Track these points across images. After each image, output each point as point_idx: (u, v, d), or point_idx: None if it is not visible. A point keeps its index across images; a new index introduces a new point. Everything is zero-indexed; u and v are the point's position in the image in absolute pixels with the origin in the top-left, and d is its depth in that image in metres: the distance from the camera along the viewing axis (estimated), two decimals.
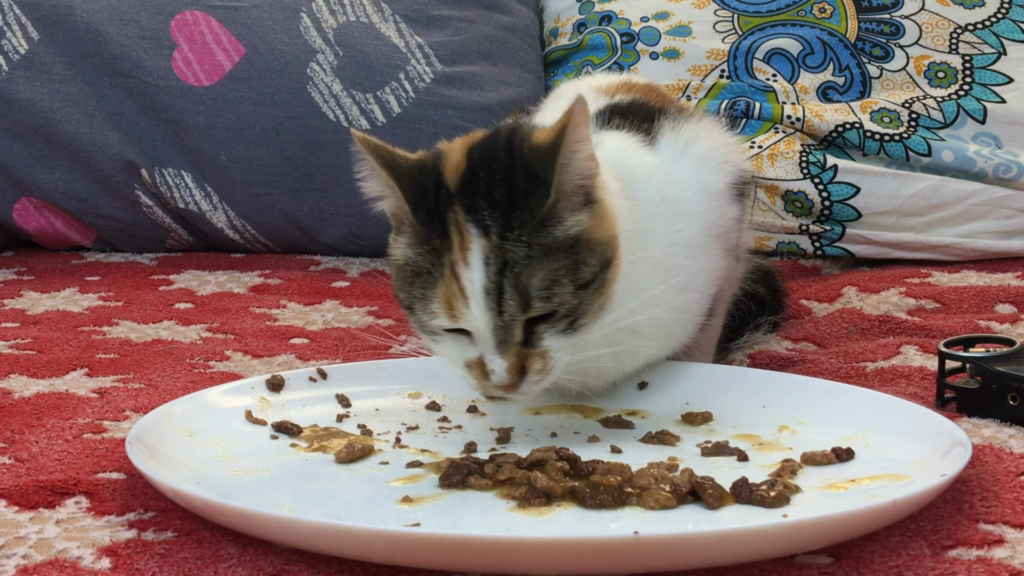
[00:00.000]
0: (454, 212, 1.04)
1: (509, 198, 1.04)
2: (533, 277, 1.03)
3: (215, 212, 1.93)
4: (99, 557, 0.90)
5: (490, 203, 1.04)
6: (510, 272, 1.03)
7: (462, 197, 1.05)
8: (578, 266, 1.04)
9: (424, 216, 1.06)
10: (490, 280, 1.03)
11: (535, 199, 1.04)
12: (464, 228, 1.04)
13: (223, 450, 1.08)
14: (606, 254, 1.07)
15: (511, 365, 1.05)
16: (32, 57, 1.94)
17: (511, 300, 1.03)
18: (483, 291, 1.03)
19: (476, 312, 1.03)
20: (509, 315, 1.03)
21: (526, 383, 1.06)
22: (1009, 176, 1.84)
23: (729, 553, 0.86)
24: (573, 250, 1.05)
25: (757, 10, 1.99)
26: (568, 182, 1.05)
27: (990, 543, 0.91)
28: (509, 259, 1.03)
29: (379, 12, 1.99)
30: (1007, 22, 1.95)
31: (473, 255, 1.03)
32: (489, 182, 1.05)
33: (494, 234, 1.03)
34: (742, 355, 1.39)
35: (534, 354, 1.05)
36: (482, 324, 1.04)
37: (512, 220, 1.03)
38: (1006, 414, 1.17)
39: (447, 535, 0.86)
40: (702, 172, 1.23)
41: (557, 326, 1.05)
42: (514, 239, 1.03)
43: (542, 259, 1.03)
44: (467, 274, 1.03)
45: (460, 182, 1.06)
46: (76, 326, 1.54)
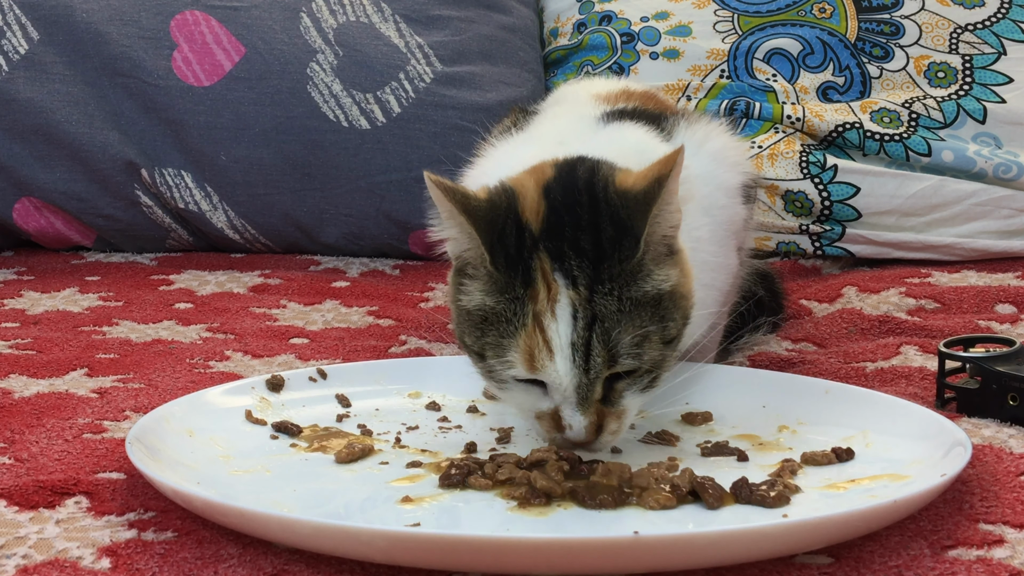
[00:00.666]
0: (539, 259, 1.00)
1: (596, 247, 1.00)
2: (624, 335, 0.99)
3: (215, 212, 1.93)
4: (99, 557, 0.90)
5: (577, 251, 1.00)
6: (599, 327, 0.99)
7: (547, 243, 1.01)
8: (665, 322, 1.01)
9: (504, 262, 1.01)
10: (578, 335, 0.99)
11: (624, 250, 1.00)
12: (550, 277, 1.00)
13: (223, 450, 1.08)
14: (688, 309, 1.04)
15: (591, 424, 1.01)
16: (32, 57, 1.94)
17: (598, 357, 0.99)
18: (570, 345, 0.99)
19: (561, 367, 0.99)
20: (595, 372, 0.99)
21: (600, 442, 1.02)
22: (1009, 176, 1.84)
23: (729, 553, 0.86)
24: (660, 306, 1.01)
25: (757, 10, 1.99)
26: (656, 234, 1.02)
27: (990, 543, 0.91)
28: (599, 313, 0.99)
29: (379, 12, 1.99)
30: (1007, 22, 1.95)
31: (561, 307, 0.99)
32: (575, 228, 1.01)
33: (583, 286, 0.99)
34: (742, 356, 1.39)
35: (612, 413, 1.02)
36: (567, 381, 1.00)
37: (601, 272, 1.00)
38: (1006, 414, 1.17)
39: (447, 535, 0.86)
40: (718, 169, 1.23)
41: (638, 383, 1.02)
42: (604, 292, 0.99)
43: (632, 315, 0.99)
44: (554, 327, 0.99)
45: (543, 227, 1.01)
46: (76, 326, 1.54)
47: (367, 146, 1.91)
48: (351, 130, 1.92)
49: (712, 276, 1.20)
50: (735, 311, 1.36)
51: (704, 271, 1.17)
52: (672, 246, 1.04)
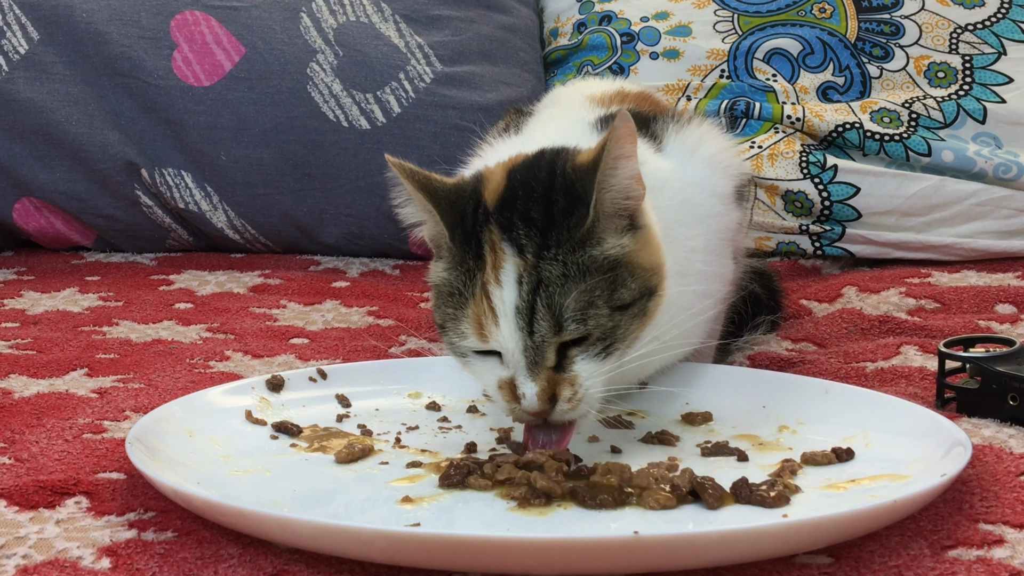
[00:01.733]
0: (489, 231, 1.03)
1: (547, 217, 1.02)
2: (567, 297, 1.00)
3: (215, 212, 1.93)
4: (99, 557, 0.90)
5: (526, 222, 1.02)
6: (543, 292, 1.00)
7: (498, 216, 1.03)
8: (616, 287, 1.02)
9: (461, 238, 1.04)
10: (522, 299, 1.00)
11: (574, 218, 1.02)
12: (499, 247, 1.02)
13: (223, 450, 1.08)
14: (650, 282, 1.04)
15: (542, 390, 1.01)
16: (32, 57, 1.94)
17: (543, 321, 1.00)
18: (514, 311, 1.00)
19: (506, 332, 1.01)
20: (540, 336, 1.00)
21: (556, 411, 1.02)
22: (1009, 176, 1.84)
23: (729, 553, 0.86)
24: (612, 272, 1.02)
25: (757, 10, 1.99)
26: (608, 201, 1.03)
27: (990, 543, 0.91)
28: (543, 278, 1.00)
29: (379, 12, 1.99)
30: (1007, 22, 1.95)
31: (506, 274, 1.01)
32: (527, 201, 1.03)
33: (529, 253, 1.01)
34: (742, 356, 1.39)
35: (565, 379, 1.02)
36: (511, 345, 1.01)
37: (549, 239, 1.01)
38: (1006, 414, 1.17)
39: (447, 535, 0.86)
40: (711, 175, 1.23)
41: (591, 350, 1.02)
42: (550, 258, 1.01)
43: (578, 279, 1.00)
44: (498, 293, 1.01)
45: (498, 201, 1.04)
46: (76, 326, 1.54)
47: (367, 146, 1.91)
48: (351, 130, 1.92)
49: (707, 285, 1.20)
50: (731, 311, 1.36)
51: (699, 280, 1.18)
52: (634, 219, 1.05)
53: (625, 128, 1.01)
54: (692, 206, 1.19)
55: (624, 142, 1.02)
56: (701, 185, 1.21)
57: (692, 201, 1.19)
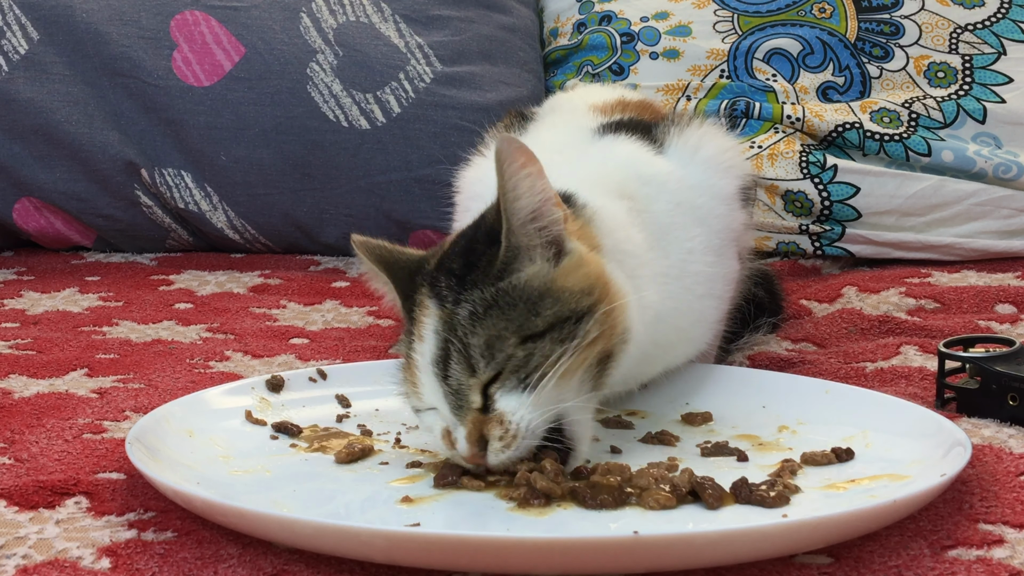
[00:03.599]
0: (421, 292, 1.03)
1: (466, 264, 1.01)
2: (476, 338, 0.98)
3: (215, 212, 1.93)
4: (99, 557, 0.90)
5: (448, 274, 1.01)
6: (454, 337, 0.99)
7: (430, 277, 1.03)
8: (527, 316, 0.98)
9: (407, 306, 1.04)
10: (438, 349, 1.00)
11: (488, 256, 1.00)
12: (424, 304, 1.02)
13: (223, 450, 1.08)
14: (579, 303, 0.99)
15: (468, 433, 0.98)
16: (32, 57, 1.94)
17: (456, 365, 0.99)
18: (431, 362, 1.00)
19: (426, 383, 1.01)
20: (456, 380, 0.99)
21: (491, 452, 0.98)
22: (1009, 176, 1.84)
23: (729, 553, 0.86)
24: (523, 302, 0.99)
25: (757, 10, 1.99)
26: (519, 228, 0.99)
27: (990, 543, 0.91)
28: (456, 323, 0.99)
29: (379, 12, 1.99)
30: (1007, 22, 1.95)
31: (426, 327, 1.01)
32: (452, 255, 1.03)
33: (448, 303, 1.00)
34: (742, 356, 1.39)
35: (491, 420, 0.98)
36: (430, 395, 1.01)
37: (465, 284, 1.00)
38: (1006, 414, 1.17)
39: (447, 535, 0.86)
40: (713, 176, 1.22)
41: (506, 385, 0.98)
42: (464, 302, 0.99)
43: (484, 316, 0.98)
44: (419, 347, 1.01)
45: (435, 264, 1.04)
46: (76, 326, 1.54)
47: (367, 146, 1.91)
48: (351, 130, 1.92)
49: (709, 286, 1.19)
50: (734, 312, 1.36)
51: (699, 282, 1.17)
52: (559, 243, 1.01)
53: (508, 148, 0.97)
54: (691, 207, 1.19)
55: (513, 161, 0.97)
56: (702, 186, 1.21)
57: (691, 203, 1.19)
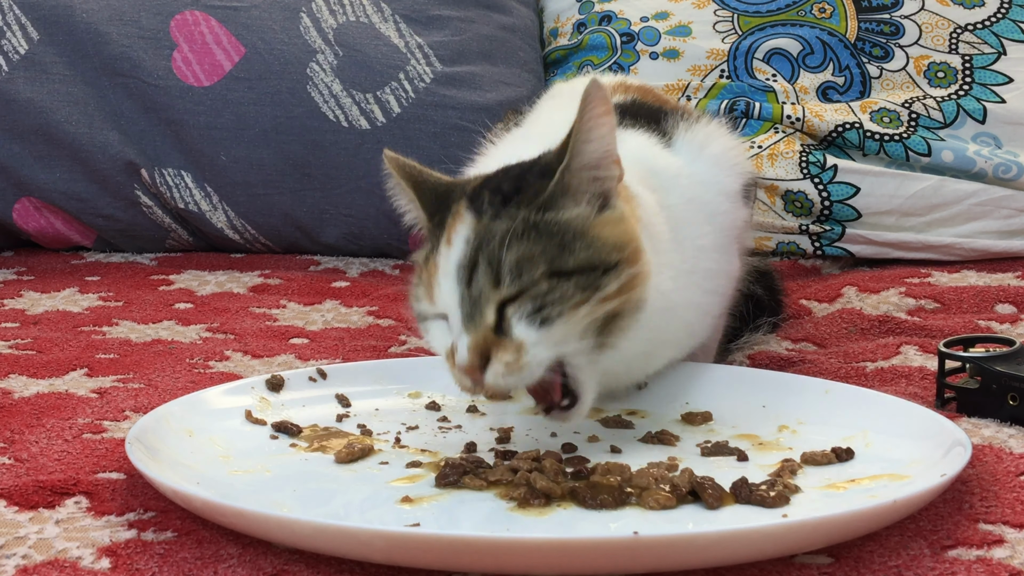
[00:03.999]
0: (458, 205, 1.04)
1: (515, 188, 1.03)
2: (507, 252, 0.98)
3: (215, 212, 1.93)
4: (99, 557, 0.90)
5: (493, 191, 1.03)
6: (487, 247, 0.99)
7: (471, 193, 1.04)
8: (561, 252, 0.99)
9: (437, 221, 1.06)
10: (466, 256, 1.00)
11: (538, 186, 1.02)
12: (460, 214, 1.03)
13: (223, 450, 1.08)
14: (608, 256, 1.01)
15: (473, 343, 0.99)
16: (32, 57, 1.94)
17: (482, 274, 0.99)
18: (457, 266, 1.01)
19: (446, 287, 1.01)
20: (477, 289, 0.99)
21: (489, 372, 0.99)
22: (1009, 176, 1.84)
23: (729, 553, 0.86)
24: (560, 236, 1.00)
25: (757, 10, 1.99)
26: (576, 170, 1.01)
27: (990, 543, 0.91)
28: (490, 234, 1.00)
29: (379, 12, 1.99)
30: (1007, 22, 1.95)
31: (458, 234, 1.02)
32: (502, 179, 1.05)
33: (486, 216, 1.01)
34: (742, 355, 1.39)
35: (503, 342, 0.99)
36: (449, 299, 1.01)
37: (509, 203, 1.02)
38: (1006, 414, 1.17)
39: (447, 535, 0.86)
40: (719, 174, 1.22)
41: (522, 310, 0.98)
42: (504, 217, 1.01)
43: (522, 237, 0.99)
44: (446, 252, 1.02)
45: (477, 185, 1.05)
46: (76, 326, 1.54)
47: (367, 146, 1.91)
48: (351, 130, 1.92)
49: (716, 283, 1.20)
50: (734, 309, 1.36)
51: (707, 279, 1.18)
52: (607, 197, 1.03)
53: (597, 93, 0.99)
54: (701, 204, 1.19)
55: (598, 104, 0.99)
56: (709, 183, 1.21)
57: (701, 199, 1.19)
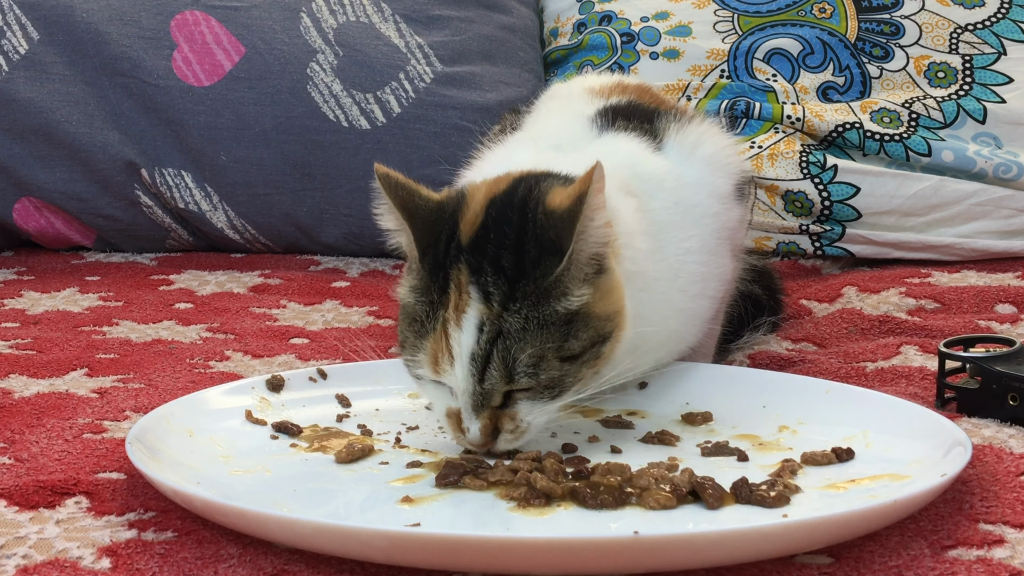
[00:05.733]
0: (458, 270, 1.03)
1: (517, 266, 1.02)
2: (522, 352, 1.01)
3: (215, 212, 1.93)
4: (99, 557, 0.90)
5: (496, 269, 1.03)
6: (501, 343, 1.02)
7: (470, 256, 1.03)
8: (567, 340, 1.03)
9: (431, 264, 1.05)
10: (480, 347, 1.02)
11: (543, 268, 1.02)
12: (465, 289, 1.03)
13: (223, 450, 1.08)
14: (603, 330, 1.05)
15: (484, 427, 1.03)
16: (32, 57, 1.94)
17: (495, 371, 1.02)
18: (469, 356, 1.02)
19: (459, 375, 1.03)
20: (490, 384, 1.02)
21: (500, 442, 1.05)
22: (1009, 176, 1.84)
23: (729, 553, 0.86)
24: (567, 326, 1.03)
25: (757, 10, 1.99)
26: (582, 251, 1.03)
27: (990, 543, 0.91)
28: (504, 330, 1.02)
29: (379, 12, 1.99)
30: (1007, 22, 1.95)
31: (467, 319, 1.02)
32: (499, 246, 1.03)
33: (495, 302, 1.02)
34: (742, 355, 1.39)
35: (506, 415, 1.04)
36: (462, 387, 1.03)
37: (516, 290, 1.02)
38: (1006, 414, 1.17)
39: (447, 535, 0.86)
40: (711, 175, 1.22)
41: (536, 397, 1.04)
42: (514, 311, 1.02)
43: (536, 334, 1.02)
44: (457, 336, 1.02)
45: (472, 238, 1.04)
46: (76, 326, 1.54)
47: (367, 146, 1.91)
48: (351, 130, 1.92)
49: (702, 286, 1.20)
50: (732, 310, 1.36)
51: (693, 282, 1.18)
52: (602, 264, 1.05)
53: (600, 179, 1.02)
54: (688, 207, 1.19)
55: (599, 192, 1.02)
56: (699, 185, 1.21)
57: (688, 201, 1.19)
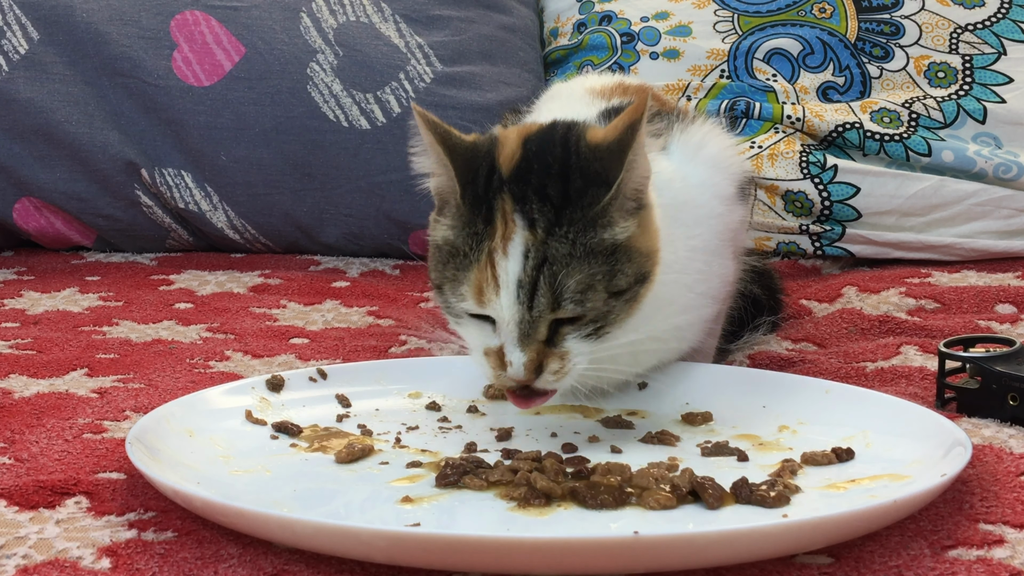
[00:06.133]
0: (502, 200, 1.05)
1: (563, 195, 1.04)
2: (570, 278, 1.02)
3: (215, 212, 1.93)
4: (99, 557, 0.90)
5: (541, 197, 1.04)
6: (548, 269, 1.02)
7: (513, 186, 1.05)
8: (615, 274, 1.04)
9: (472, 199, 1.06)
10: (526, 274, 1.03)
11: (589, 197, 1.04)
12: (510, 217, 1.04)
13: (223, 450, 1.08)
14: (644, 267, 1.06)
15: (530, 360, 1.04)
16: (32, 57, 1.94)
17: (543, 297, 1.02)
18: (516, 283, 1.03)
19: (506, 302, 1.03)
20: (538, 311, 1.03)
21: (541, 380, 1.05)
22: (1009, 176, 1.84)
23: (729, 553, 0.86)
24: (613, 256, 1.04)
25: (757, 10, 1.99)
26: (629, 181, 1.05)
27: (990, 543, 0.91)
28: (550, 256, 1.03)
29: (379, 12, 1.99)
30: (1007, 22, 1.95)
31: (514, 245, 1.03)
32: (543, 175, 1.05)
33: (540, 228, 1.03)
34: (742, 356, 1.39)
35: (554, 353, 1.05)
36: (508, 315, 1.03)
37: (562, 217, 1.03)
38: (1006, 414, 1.17)
39: (447, 535, 0.86)
40: (714, 176, 1.23)
41: (583, 330, 1.05)
42: (560, 236, 1.03)
43: (583, 261, 1.03)
44: (503, 263, 1.03)
45: (514, 170, 1.06)
46: (76, 326, 1.54)
47: (367, 146, 1.91)
48: (351, 130, 1.92)
49: (707, 286, 1.20)
50: (732, 311, 1.36)
51: (699, 281, 1.18)
52: (641, 200, 1.07)
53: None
54: (695, 206, 1.19)
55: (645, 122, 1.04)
56: (704, 186, 1.21)
57: (695, 201, 1.19)
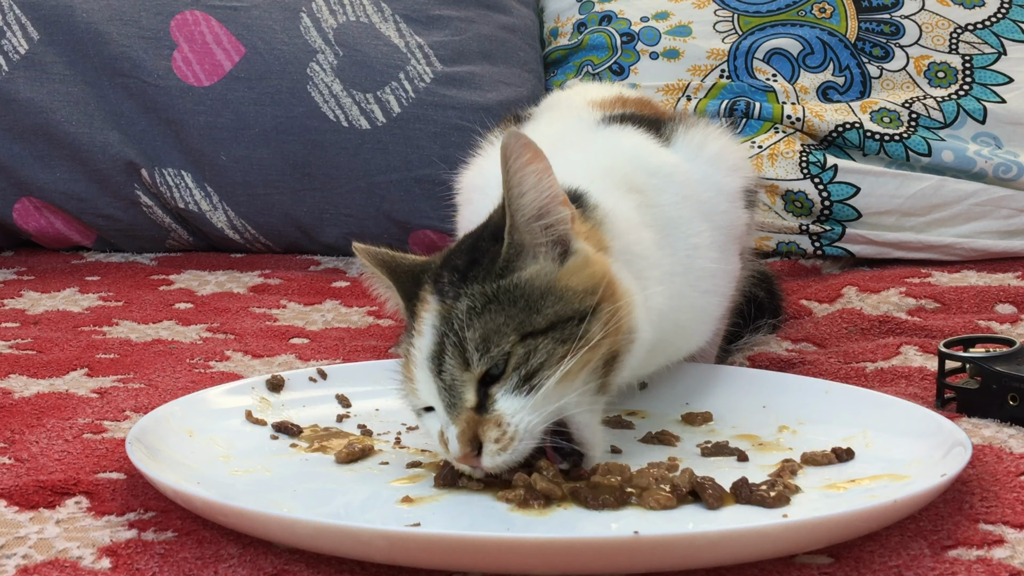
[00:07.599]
0: (424, 291, 1.02)
1: (470, 261, 1.00)
2: (470, 331, 0.97)
3: (215, 212, 1.93)
4: (99, 557, 0.90)
5: (452, 270, 1.01)
6: (451, 331, 0.97)
7: (435, 274, 1.02)
8: (529, 313, 0.97)
9: (411, 307, 1.04)
10: (435, 343, 0.98)
11: (492, 252, 1.00)
12: (426, 300, 1.01)
13: (223, 450, 1.08)
14: (582, 303, 0.98)
15: (461, 432, 0.97)
16: (32, 57, 1.94)
17: (451, 359, 0.97)
18: (427, 356, 0.99)
19: (420, 378, 0.99)
20: (449, 375, 0.97)
21: (486, 457, 0.96)
22: (1009, 176, 1.84)
23: (729, 553, 0.86)
24: (526, 299, 0.98)
25: (757, 10, 1.99)
26: (523, 224, 0.99)
27: (990, 543, 0.91)
28: (454, 317, 0.98)
29: (379, 12, 1.99)
30: (1007, 22, 1.95)
31: (425, 322, 1.00)
32: (458, 253, 1.02)
33: (449, 297, 0.99)
34: (742, 356, 1.39)
35: (487, 420, 0.96)
36: (425, 390, 0.99)
37: (467, 279, 0.99)
38: (1006, 414, 1.17)
39: (447, 535, 0.86)
40: (717, 173, 1.22)
41: (508, 384, 0.96)
42: (465, 296, 0.98)
43: (483, 311, 0.97)
44: (417, 342, 1.00)
45: (440, 262, 1.03)
46: (76, 326, 1.54)
47: (367, 146, 1.91)
48: (351, 130, 1.92)
49: (713, 282, 1.19)
50: (734, 311, 1.36)
51: (703, 278, 1.17)
52: (566, 244, 1.00)
53: (515, 143, 0.96)
54: (697, 202, 1.19)
55: (519, 155, 0.97)
56: (707, 182, 1.21)
57: (697, 197, 1.19)
